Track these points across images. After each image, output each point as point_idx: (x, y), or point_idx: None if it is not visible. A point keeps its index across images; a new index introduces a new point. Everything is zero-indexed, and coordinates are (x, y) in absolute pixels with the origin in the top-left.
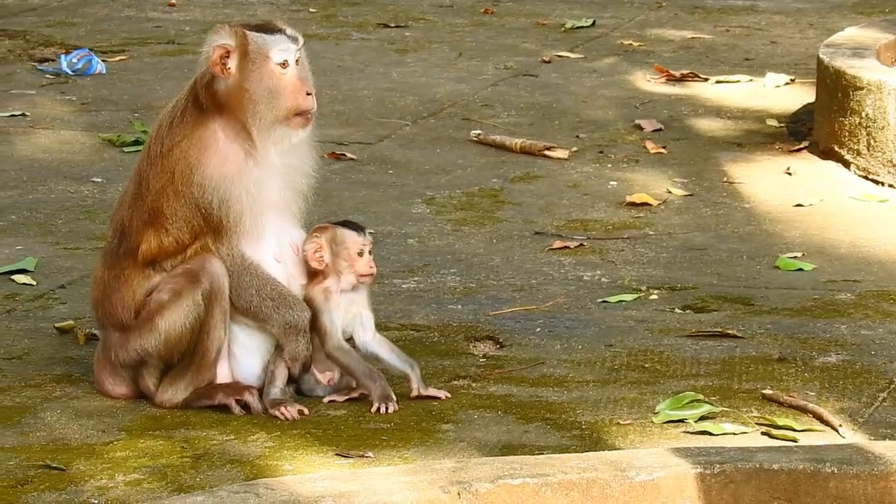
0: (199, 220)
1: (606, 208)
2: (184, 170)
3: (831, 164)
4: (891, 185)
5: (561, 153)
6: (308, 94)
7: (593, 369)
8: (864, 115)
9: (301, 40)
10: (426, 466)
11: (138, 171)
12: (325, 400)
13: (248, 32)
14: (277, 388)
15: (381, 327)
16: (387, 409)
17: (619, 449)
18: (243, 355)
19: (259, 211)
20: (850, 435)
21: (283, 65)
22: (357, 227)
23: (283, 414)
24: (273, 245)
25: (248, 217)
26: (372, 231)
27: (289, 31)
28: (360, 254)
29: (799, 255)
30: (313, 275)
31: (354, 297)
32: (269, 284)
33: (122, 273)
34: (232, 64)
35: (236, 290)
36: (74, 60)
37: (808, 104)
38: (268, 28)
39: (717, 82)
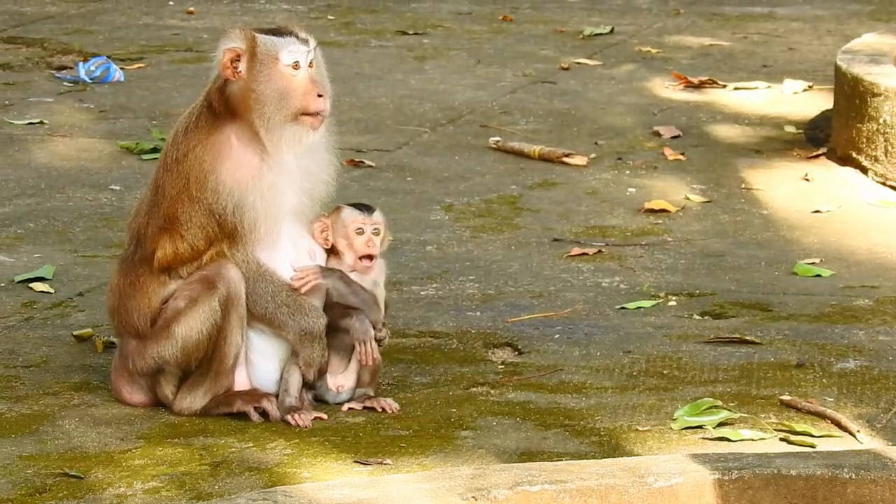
0: (213, 226)
1: (625, 215)
2: (198, 175)
3: (849, 171)
4: None
5: (579, 160)
6: (319, 95)
7: (611, 376)
8: (881, 121)
9: (312, 42)
10: (445, 473)
11: (155, 177)
12: (344, 408)
13: (257, 35)
14: (292, 395)
15: (400, 334)
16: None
17: (637, 455)
18: (260, 361)
19: (274, 217)
20: (868, 441)
21: (295, 66)
22: (362, 207)
23: (296, 421)
24: (290, 251)
25: (264, 223)
26: (389, 238)
27: (300, 33)
28: (360, 232)
29: (817, 261)
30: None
31: (362, 283)
32: (284, 291)
33: (137, 280)
34: (242, 67)
35: (252, 296)
36: (92, 68)
37: (826, 111)
38: (278, 31)
39: (736, 89)
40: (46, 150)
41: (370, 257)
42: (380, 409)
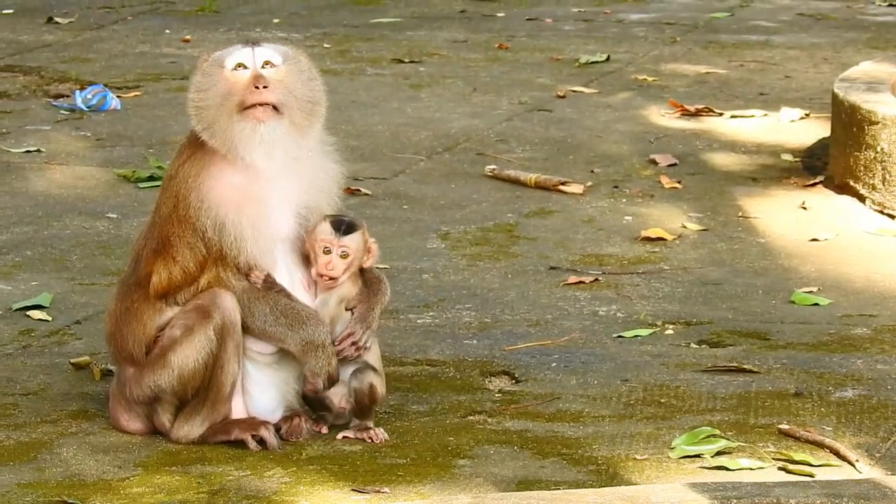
0: (201, 247)
1: (621, 243)
2: (184, 192)
3: (846, 199)
4: None
5: (576, 188)
6: (257, 87)
7: (609, 404)
8: (879, 149)
9: (262, 51)
10: (442, 501)
11: (157, 199)
12: (339, 436)
13: (212, 52)
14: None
15: (396, 362)
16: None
17: (635, 484)
18: (256, 391)
19: (263, 239)
20: (867, 470)
21: (238, 67)
22: (340, 224)
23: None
24: (285, 280)
25: (251, 245)
26: (386, 266)
27: (255, 40)
28: (326, 251)
29: (815, 289)
30: None
31: (328, 300)
32: (280, 304)
33: (132, 306)
34: (194, 82)
35: (250, 316)
36: (89, 96)
37: (823, 139)
38: (230, 45)
39: (732, 117)
40: (43, 178)
41: (329, 277)
42: (367, 440)
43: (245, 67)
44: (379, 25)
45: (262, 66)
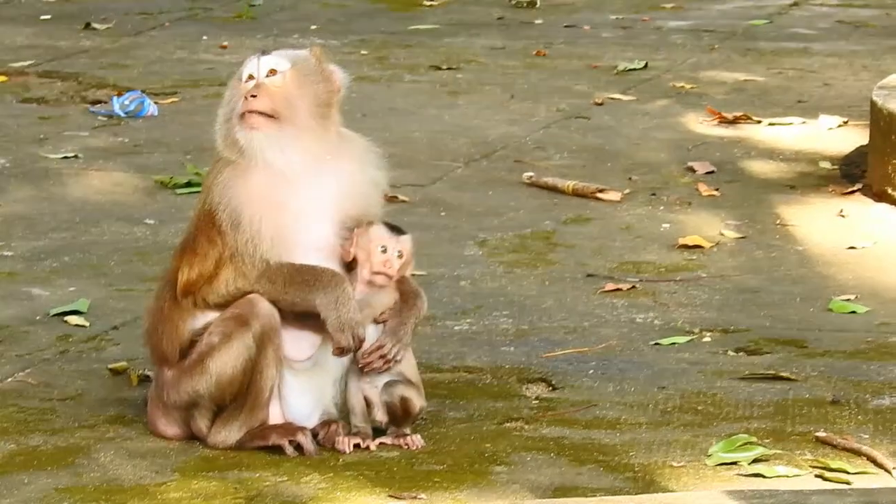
0: (219, 242)
1: (659, 250)
2: (211, 188)
3: (885, 207)
4: None
5: (613, 195)
6: (249, 96)
7: (646, 411)
8: None
9: (268, 59)
10: None
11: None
12: (376, 442)
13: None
14: (358, 418)
15: (434, 369)
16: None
17: (672, 491)
18: (293, 397)
19: (288, 244)
20: None
21: (249, 77)
22: (394, 228)
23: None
24: None
25: (270, 246)
26: (423, 273)
27: (267, 49)
28: (383, 250)
29: (852, 297)
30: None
31: (370, 300)
32: (297, 273)
33: (164, 305)
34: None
35: (274, 295)
36: (127, 102)
37: (862, 146)
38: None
39: (770, 124)
40: (81, 184)
41: (386, 276)
42: (404, 447)
43: (252, 78)
44: (417, 32)
45: (267, 75)
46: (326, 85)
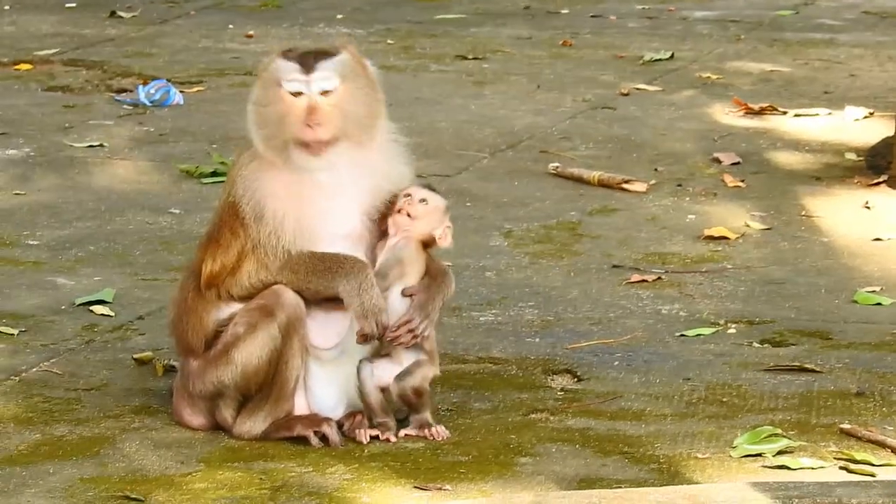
0: (242, 235)
1: (684, 242)
2: (235, 179)
3: None
4: None
5: (639, 186)
6: (309, 125)
7: (671, 403)
8: None
9: (319, 76)
10: (504, 499)
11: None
12: (401, 433)
13: (279, 59)
14: (378, 413)
15: (459, 360)
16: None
17: (697, 483)
18: (318, 387)
19: (310, 232)
20: None
21: (295, 94)
22: (429, 186)
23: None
24: None
25: (294, 238)
26: (449, 263)
27: (311, 63)
28: (408, 195)
29: (877, 289)
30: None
31: (397, 255)
32: (320, 261)
33: (188, 296)
34: (255, 93)
35: (297, 284)
36: (152, 91)
37: (888, 138)
38: (291, 55)
39: (796, 115)
40: (106, 173)
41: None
42: (429, 437)
43: (301, 94)
44: (443, 22)
45: (320, 95)
46: (373, 93)
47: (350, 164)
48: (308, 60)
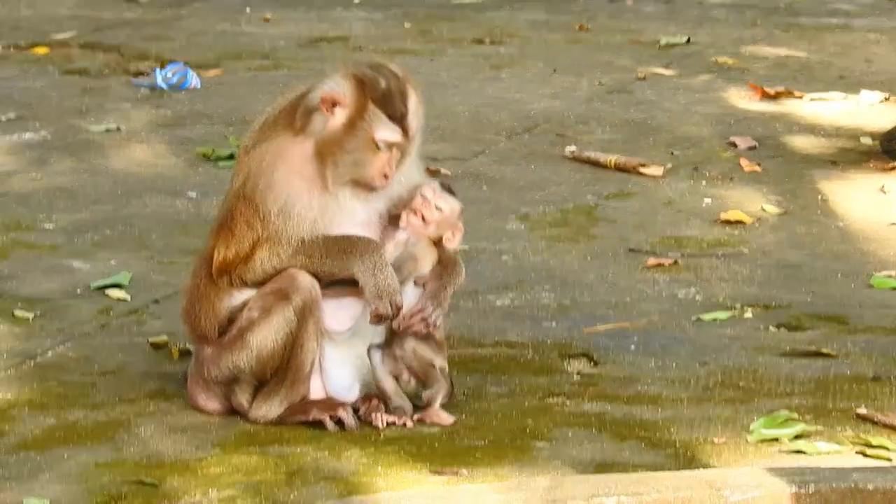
0: (258, 227)
1: (701, 226)
2: (255, 172)
3: None
4: None
5: (655, 170)
6: (386, 176)
7: (687, 387)
8: None
9: (412, 134)
10: (521, 484)
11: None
12: (415, 417)
13: (370, 103)
14: (394, 398)
15: (475, 344)
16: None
17: (713, 468)
18: (333, 369)
19: (331, 226)
20: None
21: (387, 145)
22: (445, 186)
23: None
24: None
25: (313, 227)
26: (465, 247)
27: (408, 119)
28: (425, 196)
29: (893, 273)
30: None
31: (411, 251)
32: (333, 243)
33: (199, 283)
34: (340, 114)
35: (311, 267)
36: (169, 74)
37: None
38: (390, 106)
39: (812, 100)
40: (123, 157)
41: (421, 219)
42: (428, 420)
43: (389, 147)
44: (460, 6)
45: (396, 149)
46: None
47: None
48: (401, 115)
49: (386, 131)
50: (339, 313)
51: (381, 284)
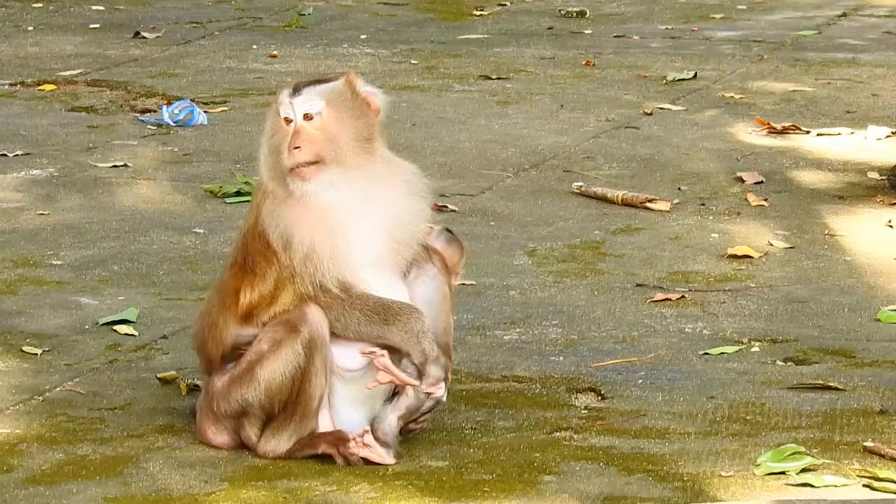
0: (276, 263)
1: (708, 260)
2: (260, 204)
3: None
4: None
5: (662, 205)
6: (294, 148)
7: (695, 421)
8: None
9: (302, 100)
10: None
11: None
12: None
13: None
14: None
15: (483, 378)
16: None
17: (720, 501)
18: (342, 406)
19: (345, 263)
20: None
21: (286, 121)
22: (448, 232)
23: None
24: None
25: (328, 265)
26: (472, 282)
27: (298, 86)
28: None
29: None
30: None
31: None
32: (370, 302)
33: (211, 311)
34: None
35: (342, 322)
36: (176, 111)
37: None
38: (289, 84)
39: (819, 135)
40: (130, 193)
41: None
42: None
43: (290, 121)
44: (466, 42)
45: (303, 119)
46: (364, 117)
47: (354, 188)
48: (297, 87)
49: (281, 104)
50: (350, 352)
51: (426, 351)
